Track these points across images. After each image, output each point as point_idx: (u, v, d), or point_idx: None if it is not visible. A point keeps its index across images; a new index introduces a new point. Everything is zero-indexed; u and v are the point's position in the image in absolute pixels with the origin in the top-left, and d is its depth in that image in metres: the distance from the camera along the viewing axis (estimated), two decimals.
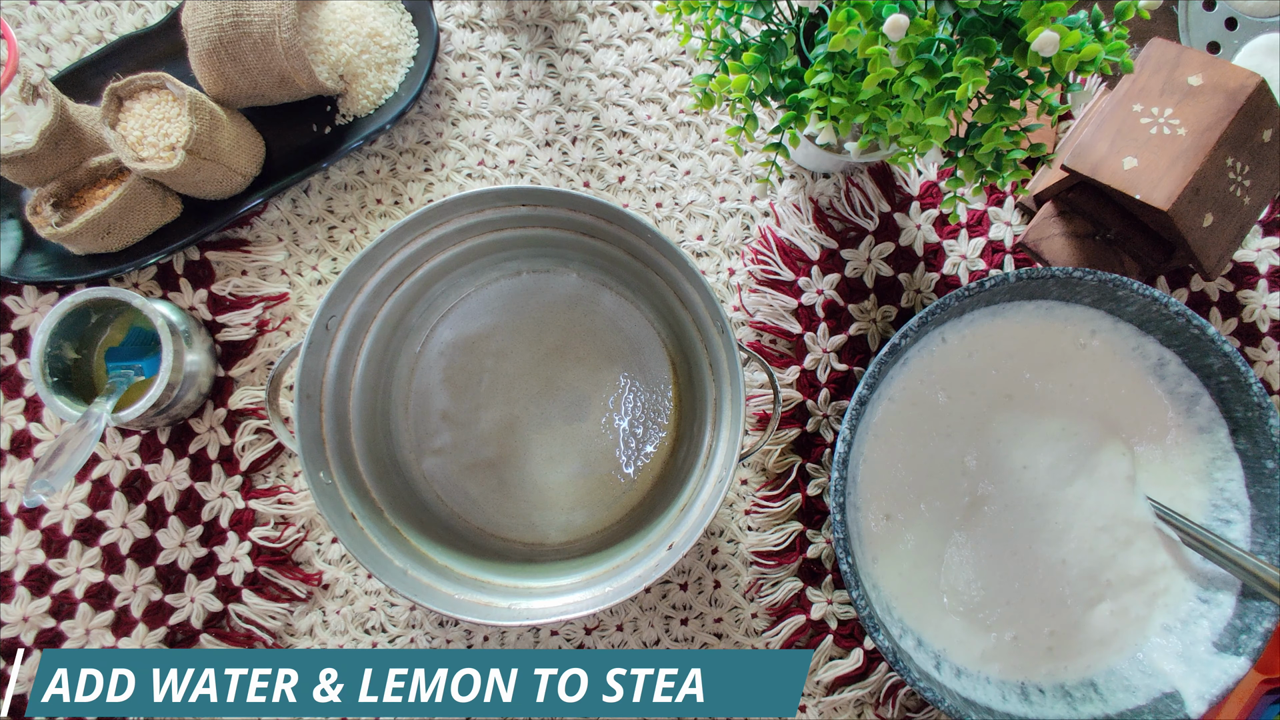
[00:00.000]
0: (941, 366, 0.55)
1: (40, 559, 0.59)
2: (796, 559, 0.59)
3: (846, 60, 0.41)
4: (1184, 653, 0.52)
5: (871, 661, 0.59)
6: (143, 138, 0.55)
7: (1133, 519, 0.54)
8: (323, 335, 0.51)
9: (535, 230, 0.54)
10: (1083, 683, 0.53)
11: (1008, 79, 0.41)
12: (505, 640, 0.60)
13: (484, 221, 0.53)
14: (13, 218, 0.60)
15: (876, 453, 0.54)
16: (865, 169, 0.61)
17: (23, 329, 0.61)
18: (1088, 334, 0.55)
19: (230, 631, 0.59)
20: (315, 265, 0.62)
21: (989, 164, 0.45)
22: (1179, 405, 0.55)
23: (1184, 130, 0.50)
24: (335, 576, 0.60)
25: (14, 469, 0.60)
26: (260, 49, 0.54)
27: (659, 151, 0.62)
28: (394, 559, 0.52)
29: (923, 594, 0.54)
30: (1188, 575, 0.54)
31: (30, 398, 0.60)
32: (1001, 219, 0.61)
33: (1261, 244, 0.61)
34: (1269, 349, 0.61)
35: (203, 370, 0.58)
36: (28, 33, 0.63)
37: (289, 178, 0.60)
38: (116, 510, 0.59)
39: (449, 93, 0.63)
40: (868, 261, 0.61)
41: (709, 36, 0.46)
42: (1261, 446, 0.51)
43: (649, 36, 0.63)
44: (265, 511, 0.60)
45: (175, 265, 0.61)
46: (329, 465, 0.52)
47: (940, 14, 0.39)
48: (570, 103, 0.63)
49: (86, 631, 0.59)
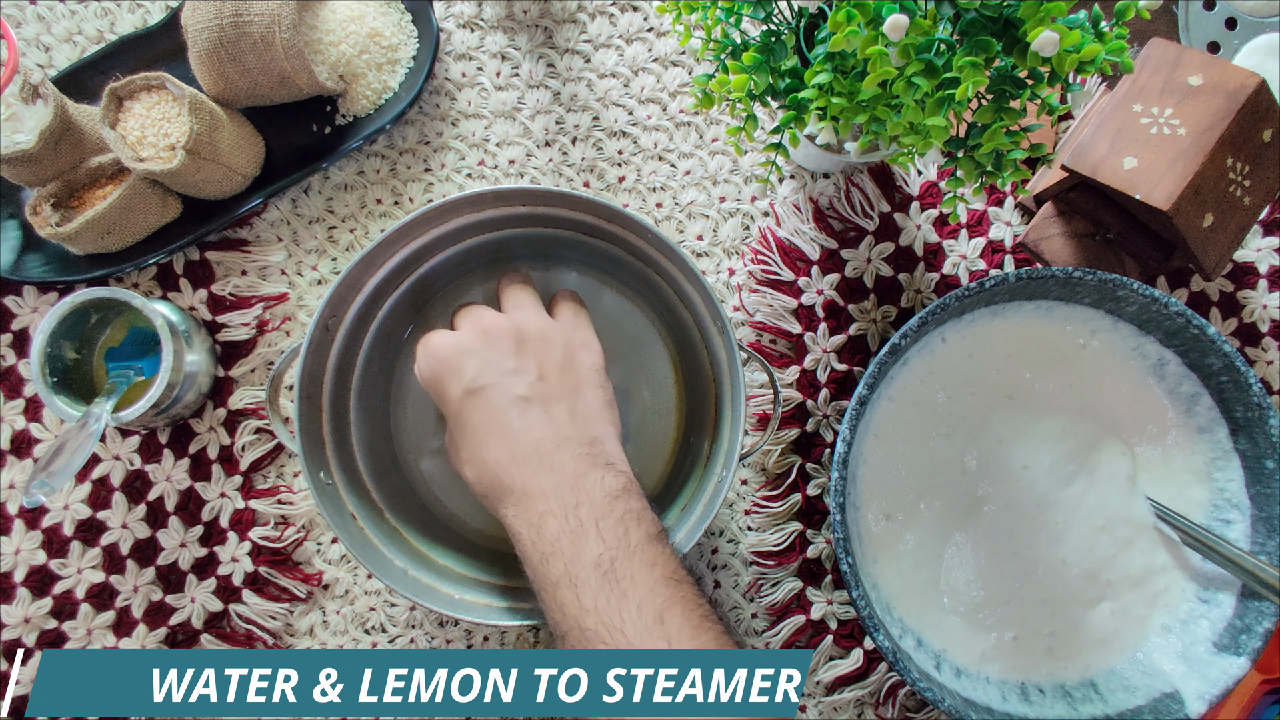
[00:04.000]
0: (941, 366, 0.55)
1: (41, 560, 0.59)
2: (796, 559, 0.59)
3: (846, 60, 0.41)
4: (1184, 653, 0.52)
5: (871, 661, 0.59)
6: (143, 138, 0.55)
7: (1133, 519, 0.54)
8: (323, 335, 0.51)
9: (535, 230, 0.54)
10: (1083, 683, 0.53)
11: (1008, 79, 0.41)
12: (505, 640, 0.60)
13: (484, 221, 0.53)
14: (12, 218, 0.60)
15: (876, 453, 0.54)
16: (865, 169, 0.61)
17: (22, 329, 0.61)
18: (1088, 334, 0.55)
19: (231, 631, 0.59)
20: (315, 265, 0.62)
21: (989, 164, 0.45)
22: (1179, 405, 0.55)
23: (1184, 130, 0.50)
24: (335, 576, 0.60)
25: (14, 469, 0.60)
26: (260, 49, 0.54)
27: (659, 151, 0.62)
28: (394, 559, 0.52)
29: (923, 594, 0.54)
30: (1188, 575, 0.54)
31: (30, 398, 0.60)
32: (1001, 219, 0.61)
33: (1261, 244, 0.61)
34: (1269, 349, 0.61)
35: (203, 370, 0.58)
36: (27, 33, 0.63)
37: (289, 178, 0.60)
38: (117, 510, 0.59)
39: (449, 93, 0.63)
40: (868, 261, 0.61)
41: (709, 36, 0.46)
42: (1261, 446, 0.51)
43: (649, 36, 0.63)
44: (265, 511, 0.60)
45: (175, 265, 0.61)
46: (329, 465, 0.52)
47: (940, 14, 0.39)
48: (570, 103, 0.63)
49: (88, 632, 0.59)
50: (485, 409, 0.45)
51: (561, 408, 0.46)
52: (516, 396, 0.45)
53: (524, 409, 0.45)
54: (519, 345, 0.47)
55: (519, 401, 0.45)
